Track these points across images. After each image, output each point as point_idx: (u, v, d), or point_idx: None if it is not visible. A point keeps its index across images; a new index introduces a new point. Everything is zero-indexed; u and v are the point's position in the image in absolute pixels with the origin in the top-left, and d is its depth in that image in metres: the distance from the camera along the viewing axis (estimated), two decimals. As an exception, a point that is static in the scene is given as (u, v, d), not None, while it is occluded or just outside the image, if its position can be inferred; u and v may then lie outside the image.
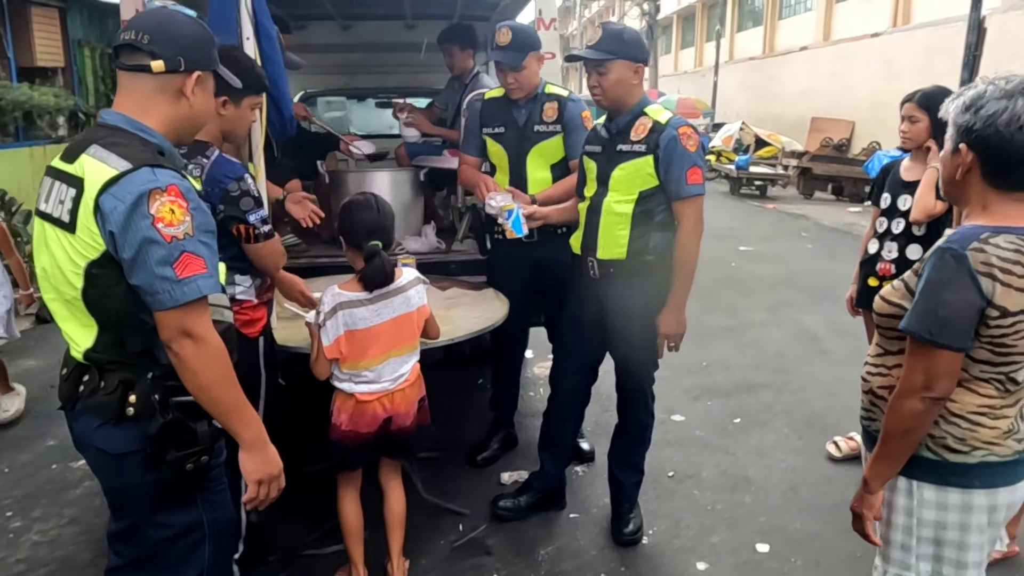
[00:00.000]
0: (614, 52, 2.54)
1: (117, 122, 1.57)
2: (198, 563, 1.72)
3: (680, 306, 2.66)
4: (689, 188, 2.54)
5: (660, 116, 2.59)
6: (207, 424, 1.61)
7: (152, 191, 1.45)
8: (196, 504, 1.69)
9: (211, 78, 1.68)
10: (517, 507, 3.04)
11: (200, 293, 1.49)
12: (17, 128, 6.48)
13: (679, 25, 34.05)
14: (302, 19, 4.94)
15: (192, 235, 1.48)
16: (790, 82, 20.85)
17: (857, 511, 1.70)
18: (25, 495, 3.25)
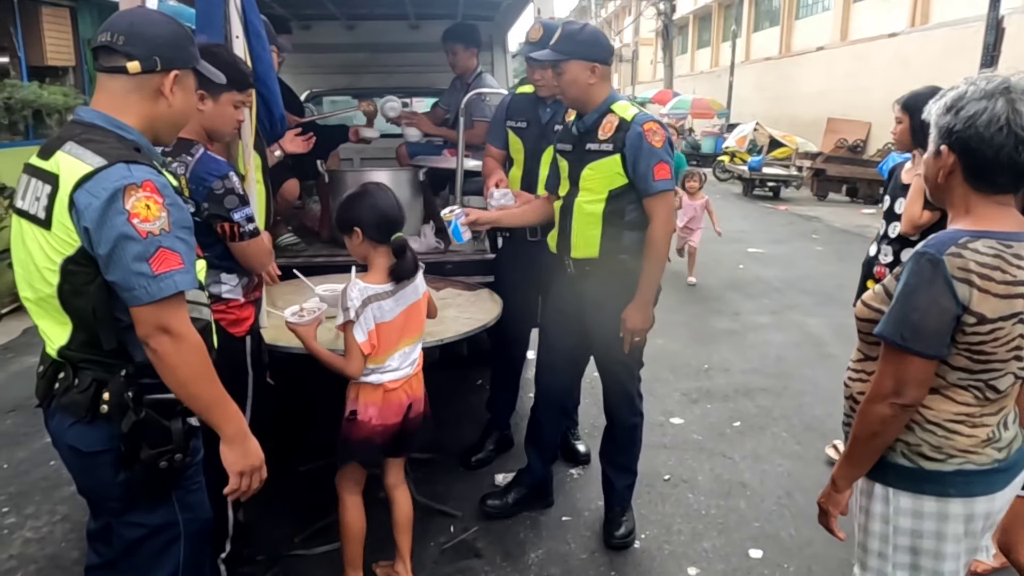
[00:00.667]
0: (568, 53, 2.54)
1: (93, 119, 1.56)
2: (171, 563, 1.71)
3: (647, 302, 2.63)
4: (657, 184, 2.53)
5: (626, 113, 2.57)
6: (181, 422, 1.60)
7: (127, 187, 1.44)
8: (171, 503, 1.68)
9: (191, 76, 1.66)
10: (504, 505, 3.03)
11: (176, 289, 1.48)
12: (27, 126, 6.54)
13: (695, 25, 33.88)
14: (306, 19, 4.95)
15: (168, 231, 1.47)
16: (806, 83, 20.68)
17: (824, 507, 1.72)
18: (19, 492, 3.27)
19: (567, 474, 3.41)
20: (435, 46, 4.25)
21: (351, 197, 2.33)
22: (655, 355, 5.21)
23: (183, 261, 1.49)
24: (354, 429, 2.37)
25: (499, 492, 3.10)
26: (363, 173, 4.07)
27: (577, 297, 2.76)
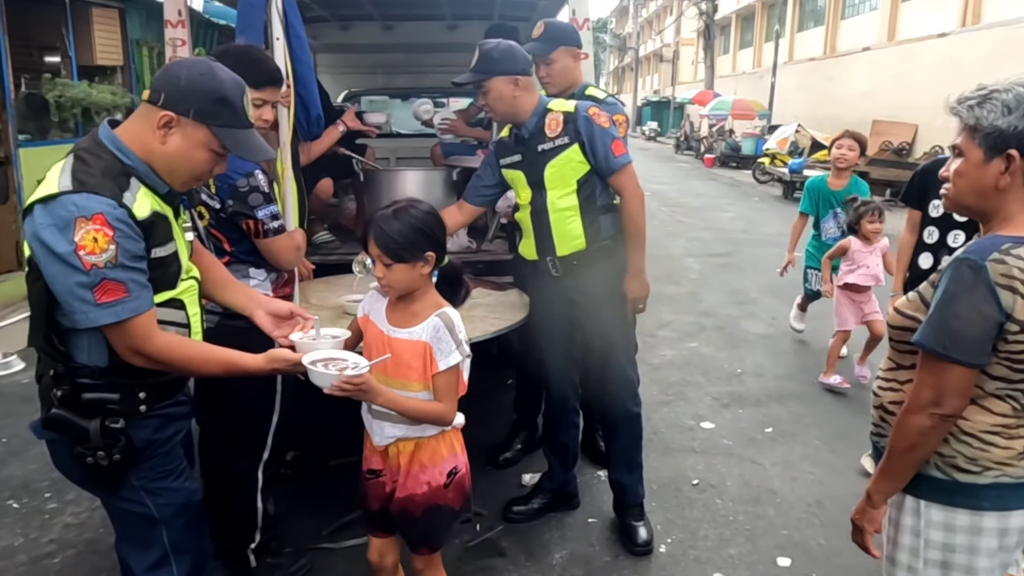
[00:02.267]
0: (487, 71, 2.61)
1: (105, 140, 1.63)
2: (158, 546, 1.77)
3: (640, 270, 2.74)
4: (618, 160, 2.63)
5: (566, 107, 2.68)
6: (99, 424, 1.62)
7: (78, 219, 1.49)
8: (136, 491, 1.72)
9: (201, 131, 1.63)
10: (530, 511, 3.04)
11: (117, 318, 1.54)
12: (76, 124, 6.75)
13: (738, 25, 33.44)
14: (345, 19, 5.02)
15: (115, 263, 1.52)
16: (851, 84, 20.26)
17: (858, 524, 1.66)
18: (61, 479, 3.27)
19: (593, 475, 3.40)
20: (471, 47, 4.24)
21: (425, 215, 1.90)
22: (687, 358, 5.18)
23: (128, 290, 1.54)
24: (459, 489, 2.02)
25: (523, 498, 3.10)
26: (398, 172, 4.12)
27: (565, 295, 2.80)
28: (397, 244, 1.83)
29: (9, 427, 3.91)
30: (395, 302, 1.95)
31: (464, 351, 1.90)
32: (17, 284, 6.05)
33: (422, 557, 2.06)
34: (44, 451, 3.72)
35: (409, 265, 1.85)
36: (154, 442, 1.71)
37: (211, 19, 8.14)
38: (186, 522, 1.79)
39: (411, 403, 1.88)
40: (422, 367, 1.88)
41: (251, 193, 2.17)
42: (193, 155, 1.65)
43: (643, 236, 2.73)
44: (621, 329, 2.82)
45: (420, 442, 1.96)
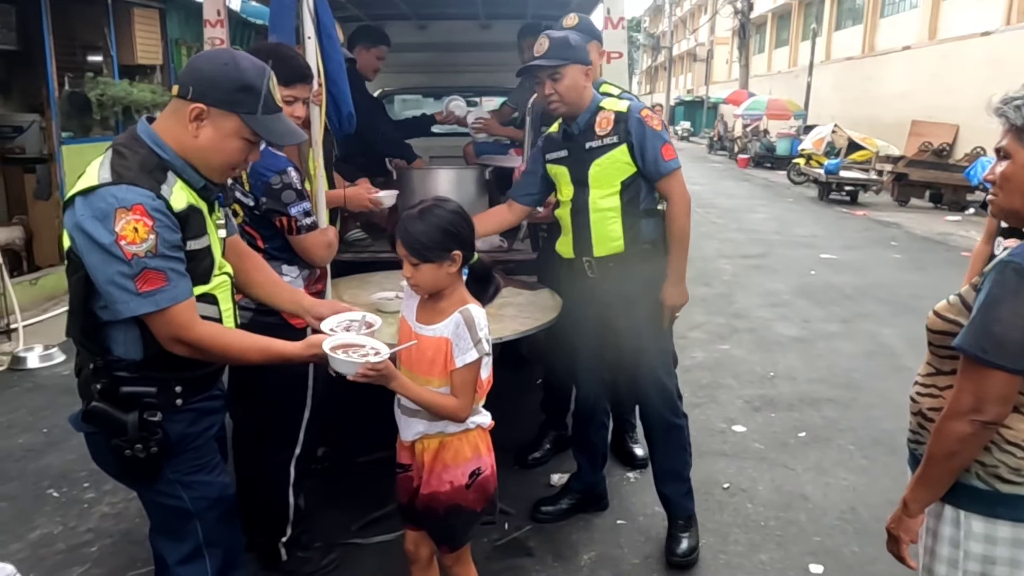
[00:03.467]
0: (566, 58, 2.59)
1: (143, 135, 1.66)
2: (192, 537, 1.79)
3: (681, 277, 2.71)
4: (668, 164, 2.61)
5: (618, 106, 2.65)
6: (137, 417, 1.64)
7: (118, 210, 1.52)
8: (172, 484, 1.74)
9: (231, 120, 1.65)
10: (558, 511, 3.03)
11: (158, 307, 1.57)
12: (117, 122, 6.89)
13: (773, 24, 32.99)
14: (379, 19, 5.05)
15: (155, 252, 1.54)
16: (889, 83, 19.88)
17: (894, 533, 1.62)
18: (99, 469, 3.42)
19: (623, 477, 3.39)
20: (505, 45, 4.28)
21: (452, 214, 1.90)
22: (719, 360, 5.13)
23: (168, 279, 1.57)
24: (481, 491, 2.01)
25: (552, 498, 3.09)
26: (430, 171, 4.13)
27: (599, 298, 2.76)
28: (422, 244, 1.84)
29: (49, 418, 4.01)
30: (425, 300, 1.98)
31: (482, 349, 1.89)
32: (59, 278, 6.20)
33: (448, 553, 2.08)
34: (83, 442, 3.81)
35: (436, 264, 1.86)
36: (189, 436, 1.74)
37: (248, 19, 8.25)
38: (219, 515, 1.82)
39: (425, 393, 1.89)
40: (442, 363, 1.90)
41: (284, 190, 2.19)
42: (225, 145, 1.67)
43: (686, 243, 2.69)
44: (656, 336, 2.76)
45: (444, 440, 1.97)
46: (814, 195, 15.00)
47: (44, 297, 6.00)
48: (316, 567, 2.66)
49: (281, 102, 1.75)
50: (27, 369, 4.74)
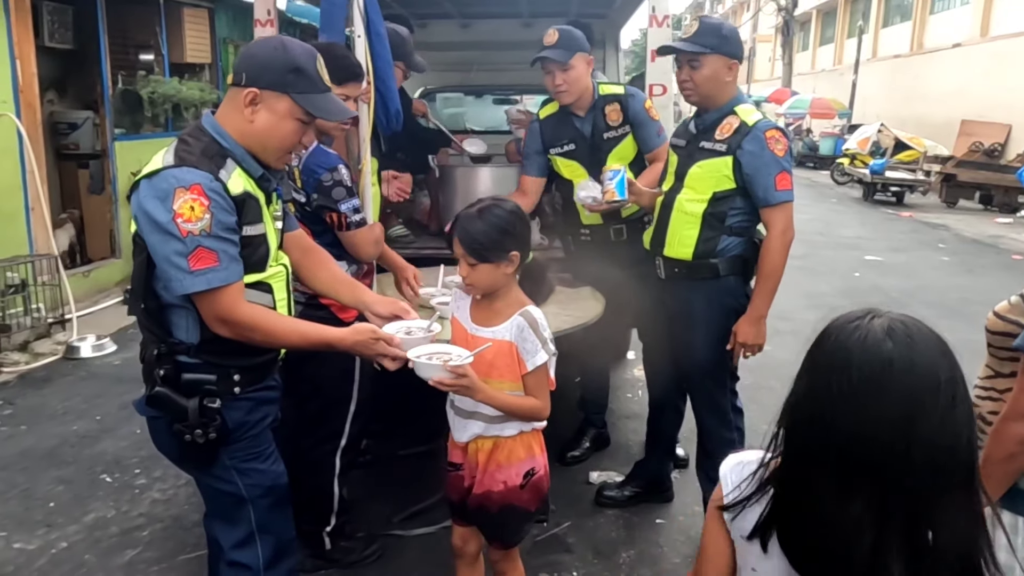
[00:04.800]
0: (711, 46, 2.47)
1: (206, 125, 1.73)
2: (245, 524, 1.84)
3: (760, 317, 2.55)
4: (779, 195, 2.45)
5: (749, 117, 2.50)
6: (198, 403, 1.69)
7: (177, 189, 1.59)
8: (228, 470, 1.79)
9: (283, 101, 1.71)
10: (621, 496, 3.07)
11: (209, 285, 1.61)
12: (167, 119, 7.06)
13: (819, 21, 32.40)
14: (423, 18, 5.10)
15: (210, 231, 1.60)
16: (938, 82, 19.39)
17: None
18: (150, 455, 3.55)
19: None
20: (546, 44, 4.29)
21: (510, 214, 1.88)
22: (761, 362, 5.03)
23: (219, 260, 1.62)
24: (535, 491, 2.02)
25: (616, 484, 3.13)
26: (472, 168, 4.16)
27: (663, 300, 2.73)
28: (481, 244, 1.83)
29: (102, 405, 4.13)
30: (479, 300, 1.97)
31: (550, 349, 1.87)
32: (111, 271, 6.39)
33: (498, 551, 2.10)
34: (134, 429, 3.95)
35: (493, 265, 1.85)
36: (246, 424, 1.79)
37: (294, 18, 8.38)
38: (272, 503, 1.86)
39: (509, 399, 1.87)
40: (508, 366, 1.88)
41: (335, 187, 2.24)
42: (281, 127, 1.73)
43: (776, 280, 2.51)
44: (709, 353, 2.64)
45: (498, 441, 1.96)
46: (858, 196, 14.71)
47: (96, 289, 6.18)
48: (359, 557, 2.71)
49: (329, 83, 1.80)
50: (80, 358, 4.90)
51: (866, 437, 0.94)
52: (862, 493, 0.94)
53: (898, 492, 0.93)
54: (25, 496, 3.20)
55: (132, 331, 5.48)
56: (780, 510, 1.03)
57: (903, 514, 0.93)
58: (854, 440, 0.94)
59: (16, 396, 4.29)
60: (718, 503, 1.14)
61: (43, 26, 5.93)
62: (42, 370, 4.71)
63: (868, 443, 0.94)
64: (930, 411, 0.93)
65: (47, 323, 5.22)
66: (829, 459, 0.96)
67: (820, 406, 0.99)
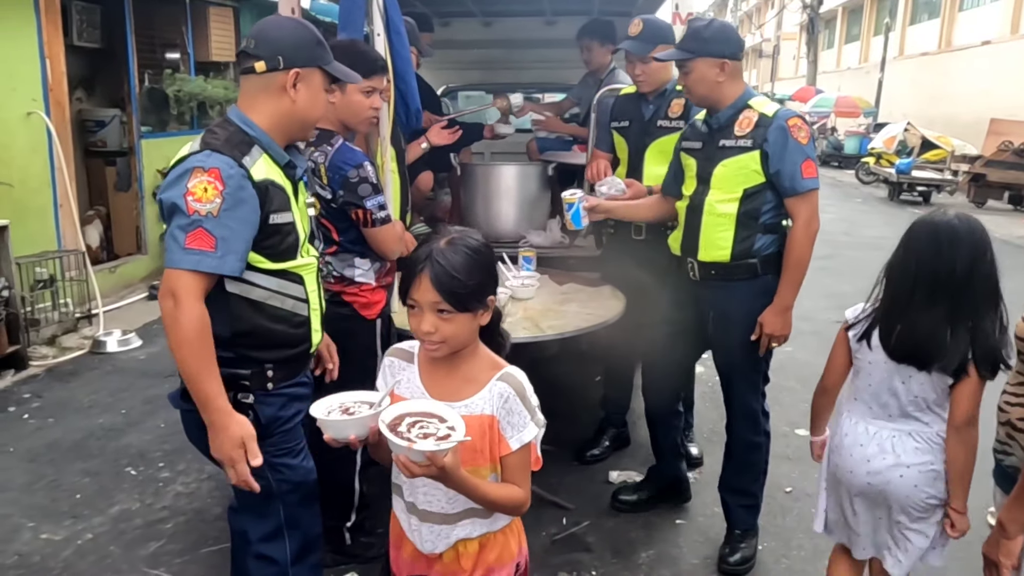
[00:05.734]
0: (693, 51, 2.47)
1: (232, 117, 1.76)
2: (275, 517, 1.86)
3: (787, 307, 2.53)
4: (805, 183, 2.43)
5: (766, 108, 2.48)
6: (232, 397, 1.70)
7: (195, 169, 1.62)
8: (260, 466, 1.77)
9: (317, 75, 1.77)
10: (638, 501, 3.03)
11: (195, 267, 1.60)
12: (192, 117, 7.14)
13: (844, 18, 32.02)
14: (446, 16, 5.11)
15: (216, 215, 1.60)
16: (967, 80, 19.08)
17: (991, 558, 1.54)
18: (174, 449, 3.60)
19: (683, 477, 3.36)
20: (570, 42, 4.27)
21: (487, 247, 1.48)
22: (783, 363, 5.01)
23: (216, 246, 1.60)
24: None
25: (631, 488, 3.10)
26: (493, 167, 4.16)
27: (697, 303, 2.67)
28: (464, 287, 1.39)
29: (127, 399, 4.19)
30: (433, 367, 1.50)
31: (540, 420, 1.47)
32: (136, 267, 6.47)
33: None
34: (159, 423, 4.01)
35: (472, 315, 1.43)
36: (279, 419, 1.80)
37: (319, 17, 8.44)
38: (300, 499, 1.88)
39: (492, 491, 1.43)
40: (485, 447, 1.44)
41: (361, 184, 2.25)
42: (319, 99, 1.80)
43: (803, 270, 2.49)
44: (747, 355, 2.61)
45: (487, 539, 1.52)
46: (884, 195, 14.51)
47: (122, 285, 6.26)
48: (378, 552, 2.71)
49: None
50: (107, 353, 4.97)
51: (947, 271, 1.74)
52: (943, 305, 1.74)
53: (963, 306, 1.73)
54: (52, 487, 3.26)
55: (156, 326, 5.55)
56: (883, 320, 1.84)
57: (965, 320, 1.72)
58: (940, 273, 1.74)
59: (44, 389, 4.37)
60: (845, 326, 1.97)
61: (72, 25, 6.02)
62: (69, 364, 4.79)
63: (949, 275, 1.73)
64: (985, 259, 1.75)
65: (74, 318, 5.30)
66: (920, 286, 1.76)
67: (915, 255, 1.79)
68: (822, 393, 2.08)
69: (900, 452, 1.81)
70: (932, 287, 1.73)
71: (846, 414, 1.95)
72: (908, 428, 1.83)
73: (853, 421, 1.92)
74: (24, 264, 4.82)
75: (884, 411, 1.85)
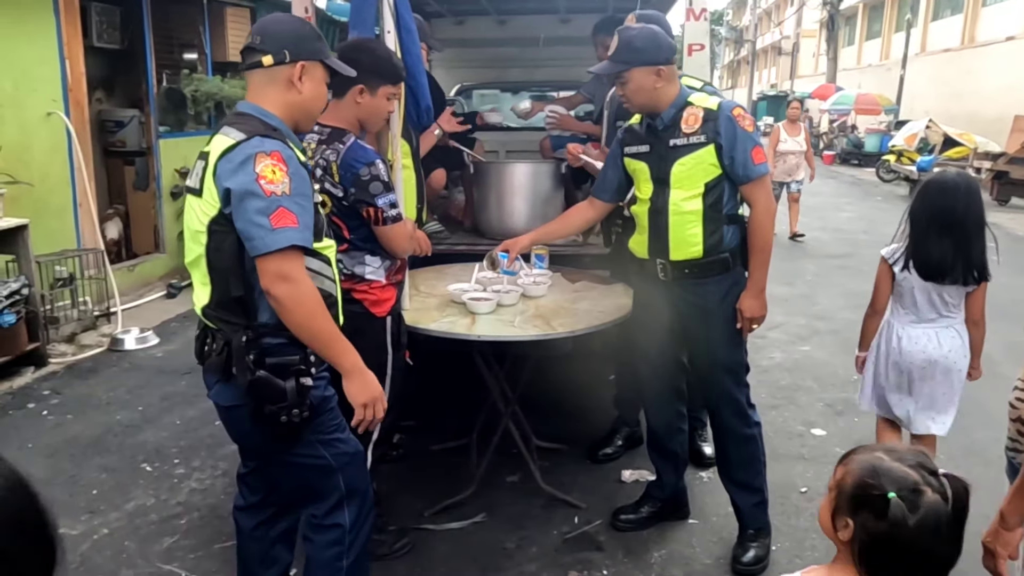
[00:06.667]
0: (628, 61, 2.49)
1: (246, 109, 1.82)
2: (336, 491, 1.95)
3: (761, 290, 2.60)
4: (757, 168, 2.50)
5: (708, 103, 2.52)
6: (295, 382, 1.76)
7: (258, 154, 1.68)
8: (314, 446, 1.88)
9: (319, 68, 1.86)
10: (639, 519, 2.94)
11: (290, 242, 1.67)
12: (209, 117, 7.20)
13: (865, 15, 31.65)
14: (461, 14, 5.12)
15: (289, 194, 1.68)
16: (990, 76, 18.80)
17: (990, 547, 1.54)
18: (188, 446, 3.63)
19: (695, 476, 3.33)
20: (584, 40, 4.26)
21: None
22: (798, 362, 4.97)
23: (298, 221, 1.69)
24: None
25: (631, 506, 3.00)
26: (506, 165, 4.16)
27: (672, 302, 2.66)
28: None
29: (145, 396, 4.24)
30: None
31: None
32: (154, 265, 6.54)
33: None
34: (175, 420, 4.04)
35: None
36: (326, 399, 1.88)
37: (334, 17, 8.47)
38: (357, 467, 1.99)
39: None
40: None
41: (372, 182, 2.26)
42: (321, 91, 1.88)
43: (769, 252, 2.58)
44: (727, 349, 2.66)
45: None
46: (904, 193, 14.32)
47: (140, 283, 6.33)
48: (389, 549, 2.73)
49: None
50: (125, 350, 5.02)
51: (951, 211, 2.49)
52: (950, 239, 2.49)
53: (965, 237, 2.48)
54: (71, 483, 3.30)
55: (174, 324, 5.61)
56: (913, 251, 2.59)
57: (967, 247, 2.49)
58: (946, 214, 2.49)
59: (64, 386, 4.42)
60: (885, 262, 2.72)
61: (92, 27, 6.09)
62: (88, 361, 4.84)
63: (952, 213, 2.49)
64: (977, 202, 2.51)
65: (93, 316, 5.36)
66: (935, 225, 2.51)
67: (929, 201, 2.55)
68: (873, 315, 2.87)
69: (943, 342, 2.67)
70: (942, 225, 2.51)
71: (897, 325, 2.76)
72: (945, 324, 2.68)
73: (904, 328, 2.73)
74: (44, 263, 4.88)
75: (927, 316, 2.68)
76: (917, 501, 1.19)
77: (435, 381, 3.79)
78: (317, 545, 2.01)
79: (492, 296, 2.89)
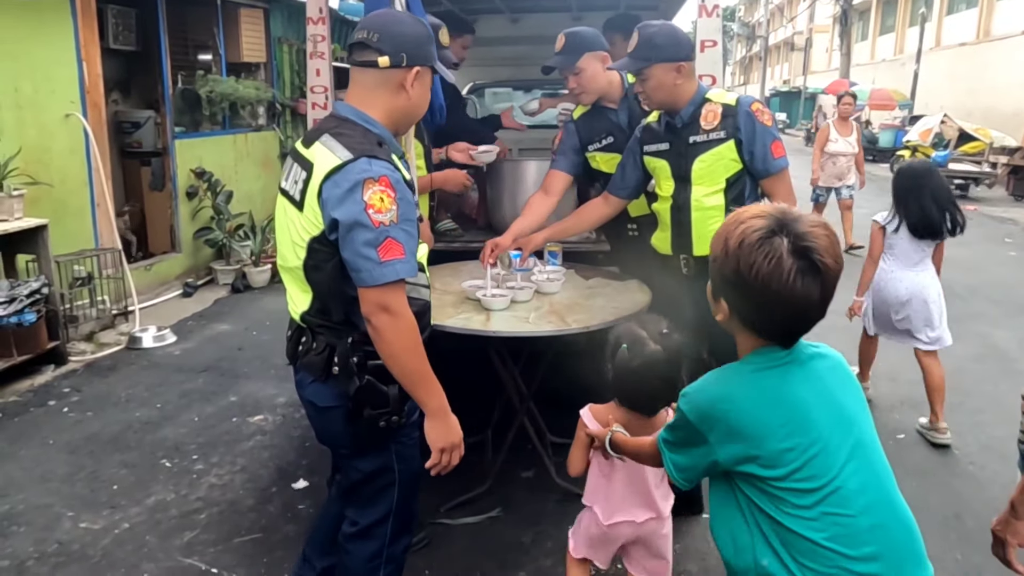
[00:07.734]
0: (648, 58, 2.50)
1: (347, 114, 1.76)
2: (386, 504, 1.93)
3: None
4: (777, 162, 2.53)
5: (727, 99, 2.54)
6: (397, 388, 1.75)
7: (366, 180, 1.62)
8: (390, 454, 1.87)
9: (429, 73, 1.82)
10: None
11: (397, 276, 1.63)
12: (224, 117, 7.25)
13: (878, 9, 31.41)
14: (473, 13, 5.13)
15: (396, 222, 1.64)
16: (1006, 70, 18.61)
17: (1000, 535, 1.55)
18: (207, 442, 3.67)
19: (711, 473, 3.34)
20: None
21: None
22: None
23: (405, 252, 1.65)
24: None
25: None
26: (519, 163, 4.17)
27: (695, 297, 2.62)
28: None
29: (163, 394, 4.28)
30: None
31: None
32: (171, 265, 6.60)
33: None
34: (193, 416, 4.08)
35: None
36: (412, 408, 1.85)
37: (347, 17, 8.51)
38: (413, 488, 1.97)
39: None
40: None
41: None
42: (427, 95, 1.85)
43: None
44: None
45: None
46: (920, 189, 14.22)
47: (157, 282, 6.39)
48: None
49: None
50: (142, 348, 5.08)
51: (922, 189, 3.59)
52: (936, 205, 3.56)
53: (946, 204, 3.59)
54: (91, 478, 3.35)
55: (191, 323, 5.67)
56: (904, 218, 3.65)
57: (949, 207, 3.58)
58: (920, 190, 3.58)
59: (83, 384, 4.48)
60: (878, 226, 3.77)
61: (108, 29, 6.15)
62: (107, 359, 4.90)
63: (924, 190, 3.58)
64: (938, 178, 3.69)
65: (111, 314, 5.42)
66: (913, 198, 3.60)
67: (904, 185, 3.66)
68: (872, 264, 3.78)
69: (921, 280, 3.64)
70: (919, 197, 3.52)
71: (887, 270, 3.71)
72: (921, 269, 3.66)
73: (893, 271, 3.69)
74: (63, 262, 4.94)
75: (910, 263, 3.66)
76: (641, 350, 1.96)
77: (450, 378, 3.80)
78: (354, 556, 1.97)
79: (507, 292, 2.91)
